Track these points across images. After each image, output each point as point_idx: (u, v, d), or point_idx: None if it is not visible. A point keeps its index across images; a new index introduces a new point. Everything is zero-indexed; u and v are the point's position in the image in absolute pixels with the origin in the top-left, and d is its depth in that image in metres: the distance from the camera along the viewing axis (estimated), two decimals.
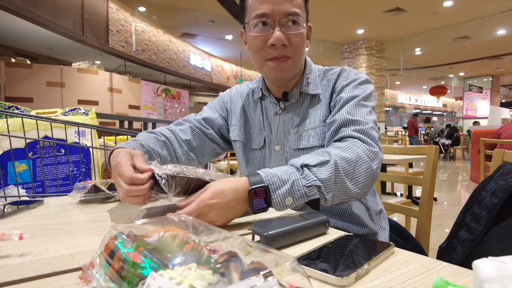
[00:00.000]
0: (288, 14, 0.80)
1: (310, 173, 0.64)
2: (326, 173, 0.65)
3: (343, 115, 0.80)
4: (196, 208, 0.58)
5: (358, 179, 0.69)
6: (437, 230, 2.99)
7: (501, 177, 0.76)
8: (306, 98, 0.92)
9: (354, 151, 0.70)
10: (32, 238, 0.56)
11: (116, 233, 0.34)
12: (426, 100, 22.71)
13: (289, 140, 0.91)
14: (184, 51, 10.77)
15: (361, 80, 0.88)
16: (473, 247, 0.73)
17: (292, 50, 0.84)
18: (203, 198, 0.59)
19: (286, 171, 0.64)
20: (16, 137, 1.01)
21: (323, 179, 0.64)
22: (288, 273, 0.29)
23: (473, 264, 0.30)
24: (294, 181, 0.63)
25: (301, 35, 0.84)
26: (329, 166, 0.66)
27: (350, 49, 11.35)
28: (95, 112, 1.26)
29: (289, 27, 0.82)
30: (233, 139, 1.02)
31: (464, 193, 5.15)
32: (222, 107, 1.06)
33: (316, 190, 0.64)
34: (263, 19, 0.81)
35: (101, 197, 0.84)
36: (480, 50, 11.98)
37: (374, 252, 0.47)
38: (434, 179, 1.13)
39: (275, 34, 0.80)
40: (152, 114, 9.44)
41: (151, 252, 0.29)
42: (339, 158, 0.67)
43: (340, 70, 0.93)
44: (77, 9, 6.87)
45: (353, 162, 0.69)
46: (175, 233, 0.35)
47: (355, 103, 0.82)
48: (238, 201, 0.61)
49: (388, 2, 8.11)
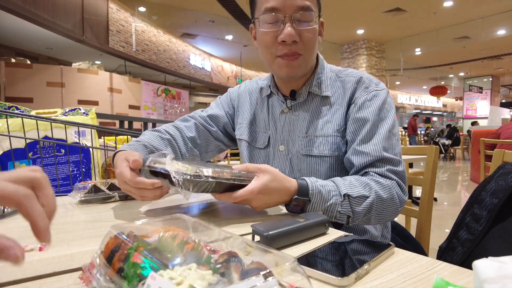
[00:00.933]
0: (300, 8, 0.77)
1: (348, 204, 0.71)
2: (361, 208, 0.71)
3: (378, 151, 0.78)
4: (245, 195, 0.63)
5: (382, 217, 0.75)
6: (437, 230, 2.99)
7: (501, 177, 0.76)
8: (315, 99, 0.89)
9: (390, 193, 0.75)
10: (32, 238, 0.56)
11: (116, 233, 0.34)
12: (426, 100, 22.70)
13: (297, 143, 0.88)
14: (184, 51, 10.77)
15: (383, 95, 0.84)
16: (473, 247, 0.73)
17: (304, 47, 0.81)
18: (253, 190, 0.63)
19: (330, 192, 0.70)
20: (16, 137, 1.01)
21: (355, 212, 0.71)
22: (288, 273, 0.29)
23: (473, 264, 0.30)
24: (332, 204, 0.69)
25: (313, 31, 0.80)
26: (366, 203, 0.71)
27: (350, 49, 11.35)
28: (95, 112, 1.26)
29: (300, 22, 0.79)
30: (238, 138, 1.02)
31: (464, 193, 5.15)
32: (229, 104, 1.05)
33: (345, 217, 0.71)
34: (273, 13, 0.78)
35: (101, 197, 0.84)
36: (480, 50, 11.98)
37: (374, 252, 0.47)
38: (434, 179, 1.13)
39: (286, 30, 0.78)
40: (152, 114, 9.44)
41: (151, 252, 0.29)
42: (377, 197, 0.72)
43: (358, 78, 0.87)
44: (77, 9, 6.87)
45: (386, 202, 0.74)
46: (175, 233, 0.35)
47: (386, 135, 0.80)
48: (280, 201, 0.68)
49: (388, 2, 8.11)
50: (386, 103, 0.84)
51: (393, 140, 0.81)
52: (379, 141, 0.79)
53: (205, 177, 0.58)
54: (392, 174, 0.78)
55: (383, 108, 0.83)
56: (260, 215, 0.72)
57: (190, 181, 0.58)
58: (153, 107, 9.53)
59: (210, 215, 0.73)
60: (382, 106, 0.83)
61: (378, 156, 0.77)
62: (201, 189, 0.60)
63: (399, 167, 0.79)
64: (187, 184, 0.58)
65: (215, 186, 0.62)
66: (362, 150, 0.79)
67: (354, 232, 0.87)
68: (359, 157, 0.79)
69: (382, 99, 0.83)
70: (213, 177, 0.59)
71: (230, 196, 0.63)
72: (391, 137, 0.81)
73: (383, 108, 0.83)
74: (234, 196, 0.63)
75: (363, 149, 0.79)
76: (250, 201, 0.65)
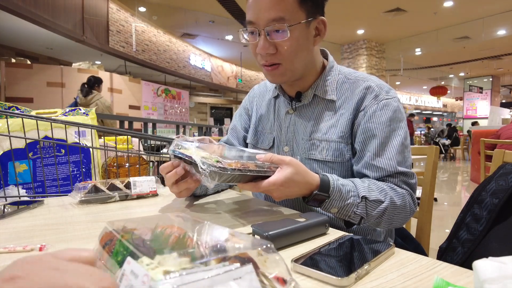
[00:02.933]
0: (272, 20, 0.75)
1: (364, 206, 0.73)
2: (375, 211, 0.73)
3: (393, 166, 0.78)
4: (267, 187, 0.66)
5: (392, 222, 0.77)
6: (437, 231, 2.99)
7: (502, 177, 0.76)
8: (321, 103, 0.88)
9: (404, 201, 0.77)
10: (32, 238, 0.56)
11: (111, 229, 0.35)
12: (426, 101, 22.69)
13: (300, 146, 0.89)
14: (184, 52, 10.76)
15: (394, 104, 0.82)
16: (474, 247, 0.73)
17: (281, 57, 0.80)
18: (275, 182, 0.65)
19: (350, 191, 0.72)
20: (16, 137, 1.01)
21: (369, 214, 0.73)
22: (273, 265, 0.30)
23: (474, 264, 0.30)
24: (350, 204, 0.72)
25: (290, 41, 0.77)
26: (381, 208, 0.73)
27: (350, 50, 11.35)
28: (95, 112, 1.26)
29: (274, 34, 0.77)
30: (247, 142, 1.04)
31: (464, 193, 5.15)
32: (244, 117, 1.08)
33: (358, 218, 0.73)
34: (250, 27, 0.79)
35: (101, 197, 0.84)
36: (481, 51, 11.97)
37: (374, 252, 0.47)
38: (434, 180, 1.13)
39: (259, 44, 0.79)
40: (152, 114, 9.45)
41: (135, 241, 0.30)
42: (391, 203, 0.74)
43: (368, 84, 0.84)
44: (78, 10, 6.87)
45: (398, 209, 0.76)
46: (166, 227, 0.35)
47: (400, 149, 0.79)
48: (300, 194, 0.71)
49: (389, 2, 8.10)
50: (397, 113, 0.82)
51: (406, 153, 0.81)
52: (393, 156, 0.78)
53: (232, 170, 0.61)
54: (406, 186, 0.79)
55: (394, 119, 0.81)
56: (260, 215, 0.72)
57: (216, 173, 0.60)
58: (153, 107, 9.53)
59: (210, 215, 0.73)
60: (393, 116, 0.81)
61: (393, 172, 0.78)
62: (226, 180, 0.63)
63: (412, 179, 0.81)
64: (213, 175, 0.60)
65: (239, 178, 0.65)
66: (376, 164, 0.78)
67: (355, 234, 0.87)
68: (372, 171, 0.79)
69: (393, 109, 0.81)
70: (239, 169, 0.62)
71: (253, 186, 0.67)
72: (404, 150, 0.80)
73: (394, 118, 0.81)
74: (257, 186, 0.66)
75: (377, 164, 0.78)
76: (272, 192, 0.68)
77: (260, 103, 1.03)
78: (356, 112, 0.83)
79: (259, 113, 1.02)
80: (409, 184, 0.80)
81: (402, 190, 0.78)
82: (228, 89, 13.87)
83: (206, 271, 0.24)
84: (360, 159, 0.82)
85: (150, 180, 0.92)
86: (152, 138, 1.64)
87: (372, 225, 0.77)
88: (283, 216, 0.72)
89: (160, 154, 1.55)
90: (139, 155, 1.23)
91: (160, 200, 0.88)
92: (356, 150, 0.83)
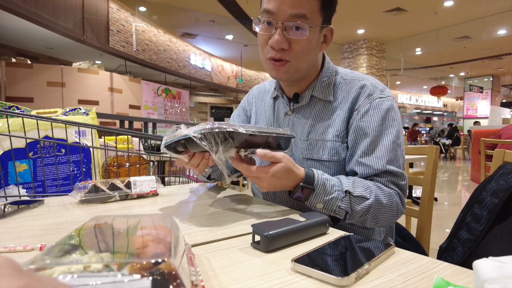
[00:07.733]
0: (294, 16, 0.75)
1: (348, 200, 0.73)
2: (359, 207, 0.73)
3: (382, 165, 0.77)
4: (259, 173, 0.68)
5: (378, 221, 0.77)
6: (438, 230, 2.99)
7: (502, 177, 0.76)
8: (318, 103, 0.88)
9: (390, 200, 0.76)
10: (32, 238, 0.56)
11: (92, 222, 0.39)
12: (427, 100, 22.68)
13: (299, 146, 0.89)
14: (184, 51, 10.76)
15: (388, 103, 0.81)
16: (474, 247, 0.73)
17: (292, 54, 0.79)
18: (267, 171, 0.67)
19: (334, 186, 0.73)
20: (17, 137, 1.01)
21: (353, 210, 0.73)
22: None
23: (474, 264, 0.30)
24: (334, 198, 0.72)
25: (305, 41, 0.78)
26: (365, 204, 0.73)
27: (350, 49, 11.34)
28: (95, 112, 1.26)
29: (292, 31, 0.77)
30: None
31: (464, 193, 5.15)
32: (242, 118, 1.08)
33: (343, 213, 0.74)
34: (267, 17, 0.78)
35: (101, 197, 0.84)
36: (481, 50, 11.96)
37: (374, 252, 0.47)
38: (435, 179, 1.13)
39: (274, 37, 0.77)
40: (152, 114, 9.44)
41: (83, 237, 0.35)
42: (376, 201, 0.74)
43: (363, 83, 0.85)
44: (78, 9, 6.87)
45: (384, 208, 0.76)
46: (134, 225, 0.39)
47: (391, 147, 0.78)
48: (288, 187, 0.73)
49: (389, 2, 8.10)
50: (390, 112, 0.81)
51: (398, 151, 0.79)
52: (382, 154, 0.78)
53: (220, 128, 0.59)
54: (394, 186, 0.78)
55: (387, 117, 0.80)
56: (260, 215, 0.72)
57: (210, 134, 0.58)
58: (154, 107, 9.53)
59: (210, 215, 0.73)
60: (386, 115, 0.80)
61: (381, 170, 0.77)
62: (222, 142, 0.60)
63: (402, 181, 0.79)
64: (209, 138, 0.59)
65: (235, 139, 0.62)
66: (365, 162, 0.78)
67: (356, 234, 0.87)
68: (362, 168, 0.79)
69: (386, 108, 0.81)
70: (232, 128, 0.60)
71: (246, 168, 0.68)
72: (396, 148, 0.79)
73: (387, 117, 0.80)
74: (250, 169, 0.68)
75: (366, 162, 0.78)
76: (262, 180, 0.69)
77: (259, 104, 1.03)
78: (351, 111, 0.84)
79: (258, 114, 1.02)
80: (397, 184, 0.79)
81: (390, 189, 0.77)
82: (228, 89, 13.86)
83: (98, 277, 0.24)
84: (351, 157, 0.82)
85: (150, 180, 0.92)
86: (152, 138, 1.64)
87: (358, 222, 0.76)
88: (283, 216, 0.72)
89: (160, 154, 1.55)
90: (140, 155, 1.23)
91: (160, 200, 0.88)
92: (349, 148, 0.84)
